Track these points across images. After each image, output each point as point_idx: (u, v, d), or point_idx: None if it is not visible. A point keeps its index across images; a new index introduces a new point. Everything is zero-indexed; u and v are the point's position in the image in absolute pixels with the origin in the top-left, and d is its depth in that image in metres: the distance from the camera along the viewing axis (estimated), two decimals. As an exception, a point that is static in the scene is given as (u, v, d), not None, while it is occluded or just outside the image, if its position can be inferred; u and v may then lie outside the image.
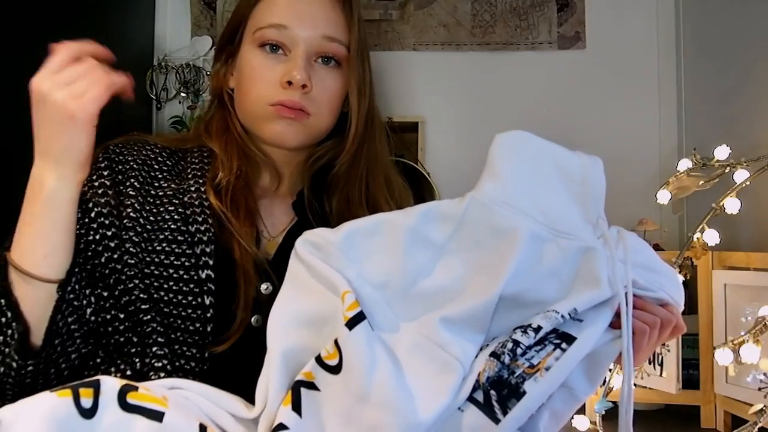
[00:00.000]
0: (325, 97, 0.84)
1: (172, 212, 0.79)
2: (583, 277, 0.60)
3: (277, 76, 0.82)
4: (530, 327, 0.56)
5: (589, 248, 0.61)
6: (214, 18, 1.62)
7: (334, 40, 0.84)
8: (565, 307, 0.57)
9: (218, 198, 0.80)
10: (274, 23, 0.82)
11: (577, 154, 0.70)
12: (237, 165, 0.83)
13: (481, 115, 1.60)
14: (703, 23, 1.51)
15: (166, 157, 0.86)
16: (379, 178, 0.89)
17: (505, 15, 1.61)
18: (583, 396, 0.60)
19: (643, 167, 1.56)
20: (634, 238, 0.65)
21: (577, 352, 0.56)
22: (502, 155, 0.67)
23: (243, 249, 0.76)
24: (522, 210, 0.64)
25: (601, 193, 0.68)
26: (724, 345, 1.01)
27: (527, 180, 0.66)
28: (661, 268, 0.66)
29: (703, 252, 1.14)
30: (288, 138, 0.84)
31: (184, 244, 0.76)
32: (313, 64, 0.83)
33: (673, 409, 1.19)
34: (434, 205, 0.67)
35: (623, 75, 1.59)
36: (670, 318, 0.62)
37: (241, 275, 0.75)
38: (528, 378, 0.54)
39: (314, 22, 0.83)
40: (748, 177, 1.11)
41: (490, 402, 0.54)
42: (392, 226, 0.65)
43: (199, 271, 0.74)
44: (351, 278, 0.61)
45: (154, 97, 1.60)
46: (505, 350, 0.55)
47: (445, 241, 0.64)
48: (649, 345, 0.61)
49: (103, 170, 0.80)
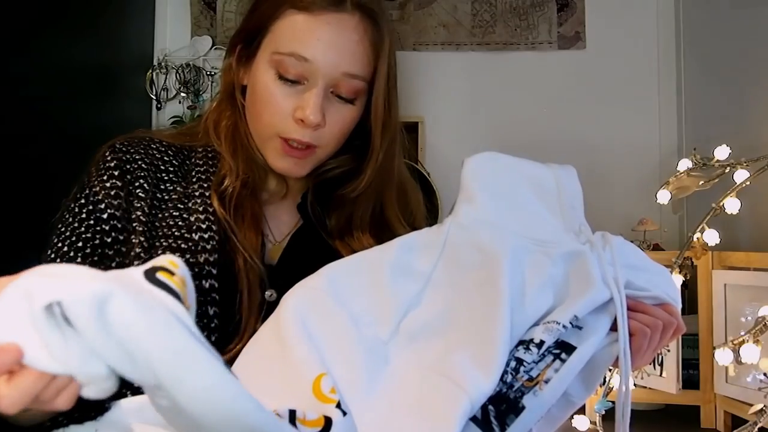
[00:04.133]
0: (336, 130, 0.80)
1: (176, 218, 0.77)
2: (577, 281, 0.59)
3: (291, 107, 0.77)
4: (532, 342, 0.55)
5: (577, 253, 0.61)
6: (214, 18, 1.62)
7: (356, 77, 0.78)
8: (566, 315, 0.56)
9: (223, 205, 0.77)
10: (294, 53, 0.76)
11: (548, 165, 0.69)
12: (244, 171, 0.80)
13: (481, 115, 1.60)
14: (703, 23, 1.51)
15: (172, 156, 0.83)
16: (390, 198, 0.86)
17: (505, 15, 1.61)
18: (579, 402, 0.59)
19: (643, 167, 1.56)
20: (620, 240, 0.65)
21: (576, 363, 0.54)
22: (474, 177, 0.67)
23: (246, 259, 0.75)
24: (502, 226, 0.63)
25: (578, 201, 0.67)
26: (724, 345, 1.01)
27: (502, 198, 0.65)
28: (652, 267, 0.65)
29: (703, 252, 1.14)
30: (293, 173, 0.82)
31: (187, 253, 0.74)
32: (330, 97, 0.79)
33: (673, 409, 1.19)
34: (409, 237, 0.66)
35: (623, 75, 1.60)
36: (670, 320, 0.62)
37: (245, 285, 0.74)
38: (527, 392, 0.53)
39: (338, 58, 0.77)
40: (748, 177, 1.11)
41: (489, 419, 0.52)
42: (373, 264, 0.63)
43: (202, 281, 0.73)
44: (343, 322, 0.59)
45: (154, 97, 1.60)
46: (509, 369, 0.53)
47: (431, 270, 0.62)
48: (650, 347, 0.60)
49: (113, 170, 0.78)
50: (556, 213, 0.66)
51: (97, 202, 0.75)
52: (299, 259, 0.80)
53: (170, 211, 0.78)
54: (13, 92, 1.08)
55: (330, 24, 0.77)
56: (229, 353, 0.71)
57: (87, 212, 0.76)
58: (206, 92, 1.60)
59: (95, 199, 0.76)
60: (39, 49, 1.16)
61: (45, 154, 1.15)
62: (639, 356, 0.60)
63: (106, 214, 0.75)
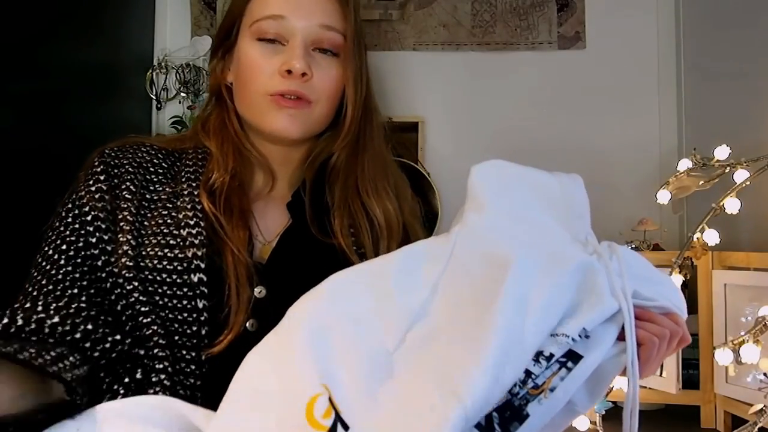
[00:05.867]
0: (325, 84, 0.84)
1: (165, 216, 0.78)
2: (586, 293, 0.58)
3: (276, 66, 0.82)
4: (542, 355, 0.54)
5: (585, 263, 0.60)
6: (214, 18, 1.62)
7: (331, 29, 0.84)
8: (574, 328, 0.55)
9: (212, 200, 0.79)
10: (270, 14, 0.83)
11: (555, 174, 0.68)
12: (232, 165, 0.83)
13: (481, 115, 1.60)
14: (703, 23, 1.51)
15: (162, 159, 0.86)
16: (378, 166, 0.90)
17: (505, 15, 1.61)
18: (582, 410, 0.59)
19: (643, 167, 1.56)
20: (626, 250, 0.64)
21: (583, 372, 0.54)
22: (482, 186, 0.66)
23: (235, 253, 0.76)
24: (510, 236, 0.62)
25: (585, 211, 0.67)
26: (724, 345, 1.01)
27: (510, 207, 0.65)
28: (658, 277, 0.65)
29: (703, 252, 1.14)
30: (290, 130, 0.84)
31: (176, 249, 0.76)
32: (312, 54, 0.84)
33: (673, 409, 1.19)
34: (415, 246, 0.65)
35: (623, 75, 1.59)
36: (677, 329, 0.62)
37: (233, 279, 0.75)
38: (532, 400, 0.52)
39: (310, 12, 0.83)
40: (748, 177, 1.11)
41: (492, 426, 0.51)
42: (378, 274, 0.63)
43: (191, 275, 0.74)
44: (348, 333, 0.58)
45: (154, 97, 1.60)
46: (517, 381, 0.53)
47: (437, 279, 0.61)
48: (657, 357, 0.60)
49: (99, 174, 0.80)
50: (563, 222, 0.65)
51: (82, 206, 0.78)
52: (290, 257, 0.81)
53: (159, 210, 0.79)
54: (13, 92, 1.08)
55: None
56: (218, 345, 0.72)
57: (73, 216, 0.78)
58: (206, 92, 1.59)
59: (80, 203, 0.78)
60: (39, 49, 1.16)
61: (45, 153, 1.15)
62: (647, 366, 0.60)
63: (90, 216, 0.77)
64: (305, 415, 0.53)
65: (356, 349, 0.58)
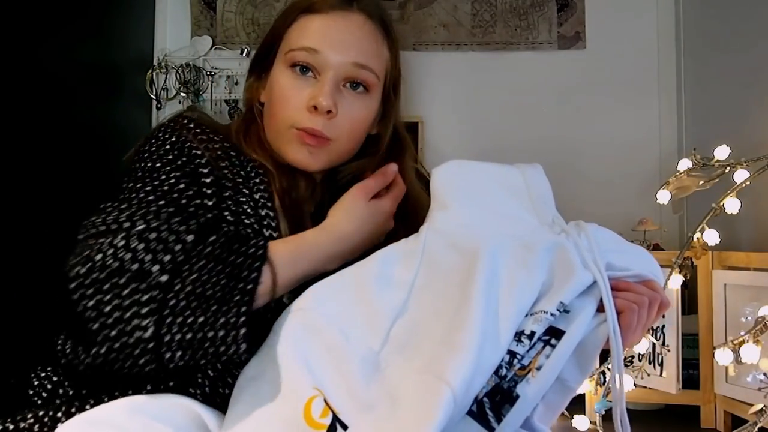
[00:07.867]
0: (348, 123, 0.84)
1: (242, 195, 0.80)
2: (560, 269, 0.60)
3: (305, 99, 0.82)
4: (523, 334, 0.55)
5: (554, 243, 0.62)
6: (214, 18, 1.62)
7: (365, 68, 0.84)
8: (552, 304, 0.57)
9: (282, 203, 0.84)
10: (306, 46, 0.83)
11: (515, 165, 0.72)
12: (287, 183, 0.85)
13: (481, 115, 1.60)
14: (703, 23, 1.51)
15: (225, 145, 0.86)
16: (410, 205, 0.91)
17: (505, 15, 1.61)
18: (576, 385, 0.60)
19: (643, 167, 1.56)
20: (594, 227, 0.66)
21: (567, 347, 0.55)
22: (444, 186, 0.70)
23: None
24: (478, 227, 0.65)
25: (548, 195, 0.70)
26: (724, 345, 1.01)
27: (475, 201, 0.68)
28: (630, 248, 0.67)
29: (703, 252, 1.14)
30: (310, 163, 0.85)
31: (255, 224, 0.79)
32: (341, 90, 0.84)
33: (673, 409, 1.19)
34: (389, 249, 0.68)
35: (623, 75, 1.59)
36: (654, 295, 0.63)
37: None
38: (520, 381, 0.53)
39: (346, 48, 0.83)
40: (748, 177, 1.11)
41: (484, 411, 0.53)
42: (357, 279, 0.65)
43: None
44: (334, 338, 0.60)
45: (154, 97, 1.60)
46: (503, 363, 0.54)
47: (413, 277, 0.64)
48: (639, 324, 0.61)
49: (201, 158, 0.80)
50: (529, 209, 0.68)
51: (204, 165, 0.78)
52: None
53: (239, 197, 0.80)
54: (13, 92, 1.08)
55: (337, 20, 0.84)
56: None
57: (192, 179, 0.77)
58: (206, 92, 1.60)
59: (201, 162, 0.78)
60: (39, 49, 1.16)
61: (44, 153, 1.15)
62: (630, 333, 0.60)
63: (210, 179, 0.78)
64: (303, 416, 0.55)
65: (344, 353, 0.59)
